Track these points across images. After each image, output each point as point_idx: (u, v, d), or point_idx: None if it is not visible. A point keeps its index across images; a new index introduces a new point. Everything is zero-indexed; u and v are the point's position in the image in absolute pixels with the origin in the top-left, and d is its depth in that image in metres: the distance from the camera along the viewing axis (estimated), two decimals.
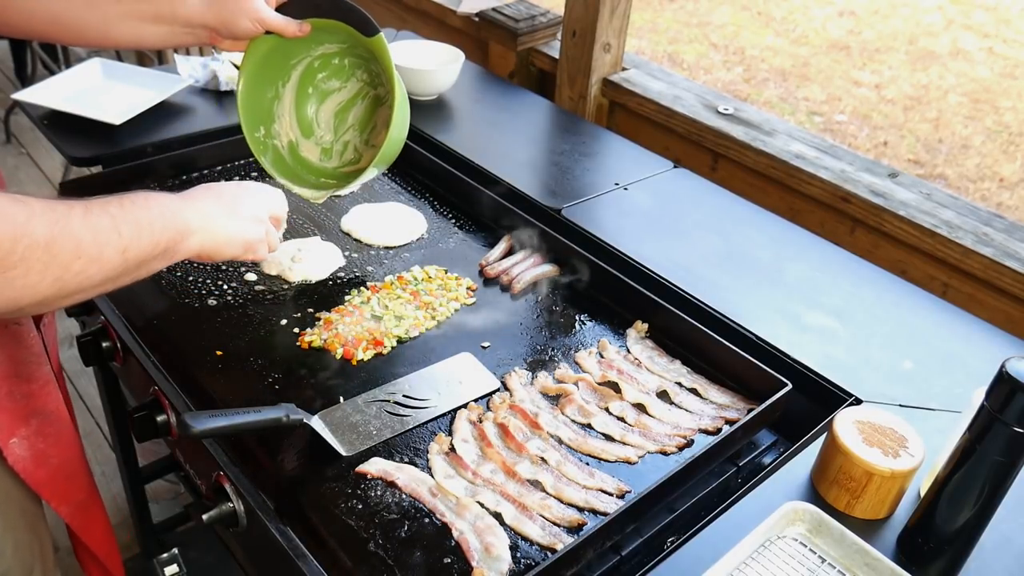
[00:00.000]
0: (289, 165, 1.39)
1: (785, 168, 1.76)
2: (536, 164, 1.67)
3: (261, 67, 1.31)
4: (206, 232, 1.01)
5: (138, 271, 0.92)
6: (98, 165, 1.57)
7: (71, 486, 1.18)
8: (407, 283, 1.34)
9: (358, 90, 1.44)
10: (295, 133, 1.41)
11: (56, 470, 1.14)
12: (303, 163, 1.41)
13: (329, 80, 1.42)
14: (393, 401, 1.11)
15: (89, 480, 1.24)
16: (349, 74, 1.42)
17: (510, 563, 0.91)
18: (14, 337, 1.10)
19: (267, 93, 1.36)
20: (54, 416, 1.14)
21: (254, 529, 0.98)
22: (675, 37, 6.19)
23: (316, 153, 1.43)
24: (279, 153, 1.38)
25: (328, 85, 1.43)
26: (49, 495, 1.15)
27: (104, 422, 2.50)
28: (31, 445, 1.09)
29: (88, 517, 1.25)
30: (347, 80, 1.43)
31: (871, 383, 1.15)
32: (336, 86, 1.43)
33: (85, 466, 1.23)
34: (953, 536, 0.87)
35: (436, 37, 2.15)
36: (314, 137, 1.43)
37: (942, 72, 5.79)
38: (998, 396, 0.78)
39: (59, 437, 1.14)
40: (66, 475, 1.16)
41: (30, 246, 0.77)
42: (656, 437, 1.09)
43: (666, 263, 1.36)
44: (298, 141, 1.41)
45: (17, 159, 3.90)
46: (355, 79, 1.43)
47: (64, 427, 1.16)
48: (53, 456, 1.13)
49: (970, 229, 1.55)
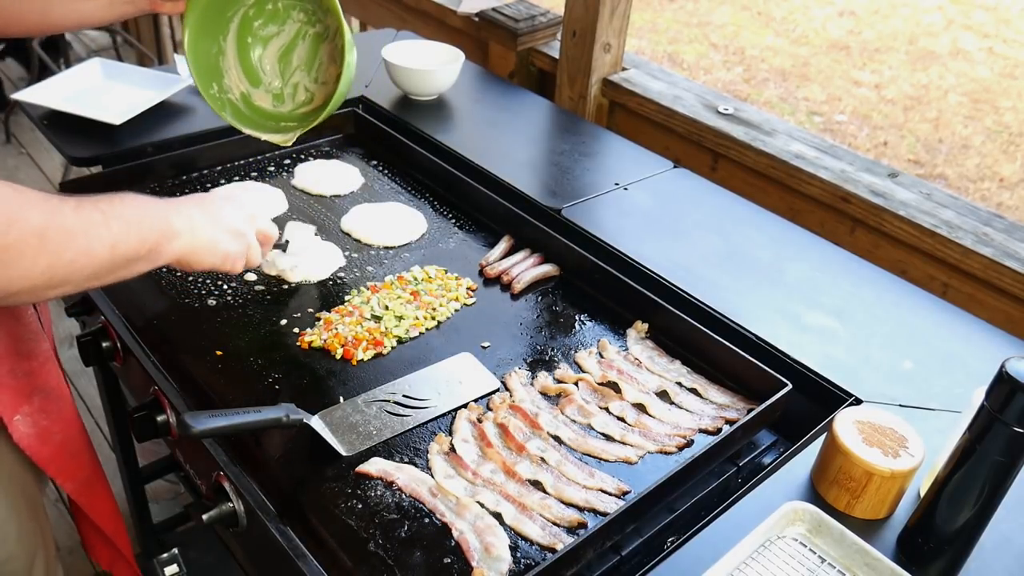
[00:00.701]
0: (249, 116, 1.42)
1: (785, 168, 1.76)
2: (536, 164, 1.67)
3: (201, 24, 1.34)
4: (190, 237, 1.01)
5: (123, 270, 0.93)
6: (98, 165, 1.57)
7: (75, 463, 1.19)
8: (407, 283, 1.34)
9: (296, 31, 1.45)
10: (244, 84, 1.43)
11: (60, 447, 1.14)
12: (260, 112, 1.44)
13: (266, 26, 1.44)
14: (393, 401, 1.11)
15: (92, 458, 1.24)
16: (285, 16, 1.45)
17: (510, 563, 0.91)
18: (12, 314, 1.11)
19: (211, 49, 1.38)
20: (55, 393, 1.14)
21: (254, 529, 0.98)
22: (675, 37, 6.19)
23: (268, 100, 1.46)
24: (236, 107, 1.41)
25: (266, 31, 1.44)
26: (55, 471, 1.15)
27: (104, 422, 2.50)
28: (35, 422, 1.09)
29: (93, 494, 1.25)
30: (283, 23, 1.45)
31: (871, 383, 1.15)
32: (274, 31, 1.45)
33: (88, 444, 1.23)
34: (953, 536, 0.87)
35: (436, 37, 2.15)
36: (263, 85, 1.45)
37: (942, 72, 5.79)
38: (998, 396, 0.78)
39: (61, 414, 1.14)
40: (70, 452, 1.17)
41: (24, 231, 0.79)
42: (656, 437, 1.09)
43: (666, 263, 1.36)
44: (249, 92, 1.44)
45: (17, 159, 3.90)
46: (291, 20, 1.45)
47: (65, 404, 1.16)
48: (56, 432, 1.13)
49: (970, 229, 1.55)
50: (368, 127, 1.76)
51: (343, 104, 1.80)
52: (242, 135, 1.46)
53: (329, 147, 1.75)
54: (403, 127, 1.76)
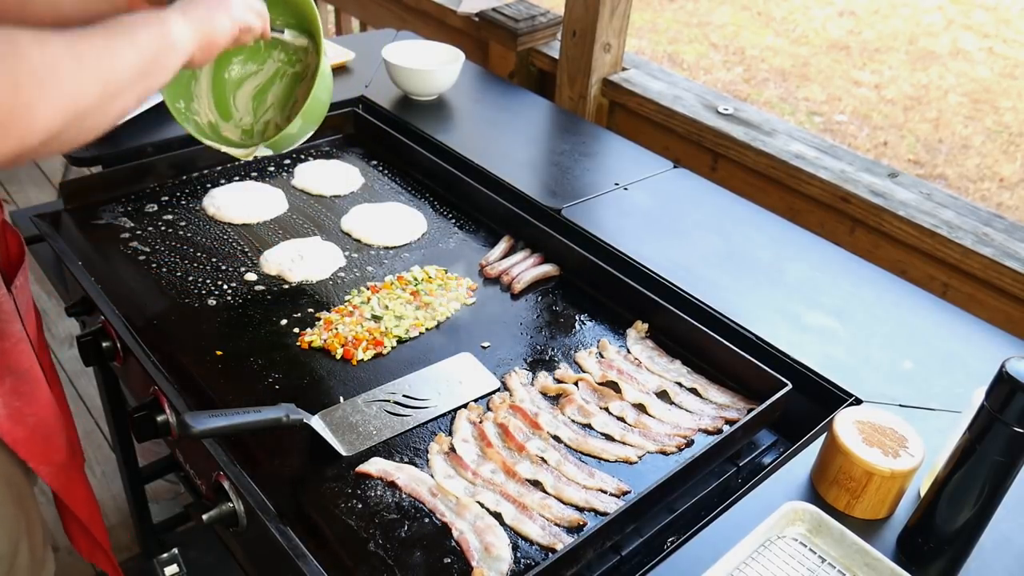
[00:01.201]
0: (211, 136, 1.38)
1: (785, 168, 1.76)
2: (536, 164, 1.67)
3: None
4: (187, 19, 0.99)
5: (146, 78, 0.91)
6: (98, 165, 1.57)
7: (50, 446, 1.18)
8: (407, 283, 1.34)
9: (275, 70, 1.42)
10: (214, 115, 1.39)
11: (34, 429, 1.13)
12: (226, 140, 1.39)
13: (246, 63, 1.41)
14: (393, 401, 1.11)
15: (69, 444, 1.23)
16: (265, 56, 1.41)
17: (510, 563, 0.91)
18: None
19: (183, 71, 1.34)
20: (28, 375, 1.13)
21: (254, 529, 0.98)
22: (675, 37, 6.19)
23: (237, 134, 1.42)
24: (200, 127, 1.37)
25: (245, 69, 1.41)
26: (27, 454, 1.14)
27: (104, 422, 2.51)
28: (7, 403, 1.08)
29: (69, 480, 1.24)
30: (263, 62, 1.42)
31: (871, 383, 1.15)
32: (253, 69, 1.41)
33: (65, 430, 1.22)
34: (953, 536, 0.87)
35: (436, 37, 2.15)
36: (233, 120, 1.41)
37: (942, 72, 5.79)
38: (998, 396, 0.78)
39: (34, 396, 1.14)
40: (44, 435, 1.16)
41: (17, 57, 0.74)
42: (656, 437, 1.09)
43: (666, 263, 1.36)
44: (218, 123, 1.40)
45: None
46: (272, 60, 1.42)
47: (39, 387, 1.15)
48: (29, 415, 1.12)
49: (970, 229, 1.55)
50: (368, 127, 1.76)
51: (343, 104, 1.80)
52: None
53: (329, 147, 1.75)
54: (403, 127, 1.76)
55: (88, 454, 2.42)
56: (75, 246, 1.38)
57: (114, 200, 1.50)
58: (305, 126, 1.31)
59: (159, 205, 1.50)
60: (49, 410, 1.17)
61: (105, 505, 2.29)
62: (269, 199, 1.53)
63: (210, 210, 1.49)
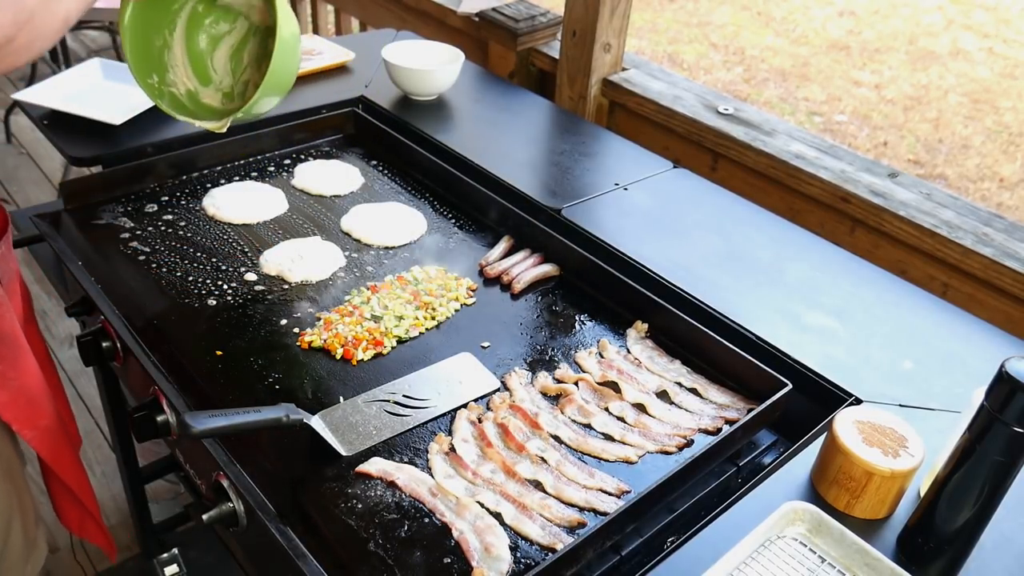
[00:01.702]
0: (189, 107, 1.34)
1: (785, 168, 1.76)
2: (536, 164, 1.67)
3: (144, 12, 1.25)
4: None
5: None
6: (98, 165, 1.57)
7: (34, 411, 1.18)
8: (407, 283, 1.34)
9: (248, 27, 1.38)
10: (193, 82, 1.35)
11: (17, 393, 1.14)
12: (207, 108, 1.35)
13: (217, 24, 1.37)
14: (393, 401, 1.11)
15: (55, 410, 1.23)
16: (236, 14, 1.37)
17: (510, 563, 0.91)
18: None
19: (155, 41, 1.30)
20: (10, 339, 1.13)
21: (254, 529, 0.98)
22: (675, 37, 6.19)
23: (218, 98, 1.37)
24: (177, 98, 1.33)
25: (217, 29, 1.37)
26: (11, 417, 1.15)
27: (104, 422, 2.51)
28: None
29: (56, 445, 1.24)
30: (235, 20, 1.38)
31: (871, 383, 1.15)
32: (226, 28, 1.37)
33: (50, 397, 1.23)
34: (953, 536, 0.87)
35: (436, 37, 2.15)
36: (213, 84, 1.37)
37: (942, 72, 5.79)
38: (998, 396, 0.78)
39: (16, 361, 1.14)
40: (28, 399, 1.16)
41: None
42: (656, 437, 1.09)
43: (666, 263, 1.36)
44: (198, 89, 1.35)
45: (17, 159, 3.90)
46: (242, 18, 1.38)
47: (22, 353, 1.15)
48: (13, 379, 1.13)
49: (970, 229, 1.55)
50: (368, 127, 1.76)
51: (343, 104, 1.80)
52: (242, 136, 1.47)
53: (329, 147, 1.75)
54: (403, 127, 1.76)
55: (88, 454, 2.42)
56: (75, 246, 1.38)
57: (114, 200, 1.50)
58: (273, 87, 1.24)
59: (159, 205, 1.50)
60: (33, 377, 1.18)
61: (105, 505, 2.29)
62: (269, 199, 1.53)
63: (210, 210, 1.49)
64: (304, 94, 1.83)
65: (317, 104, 1.80)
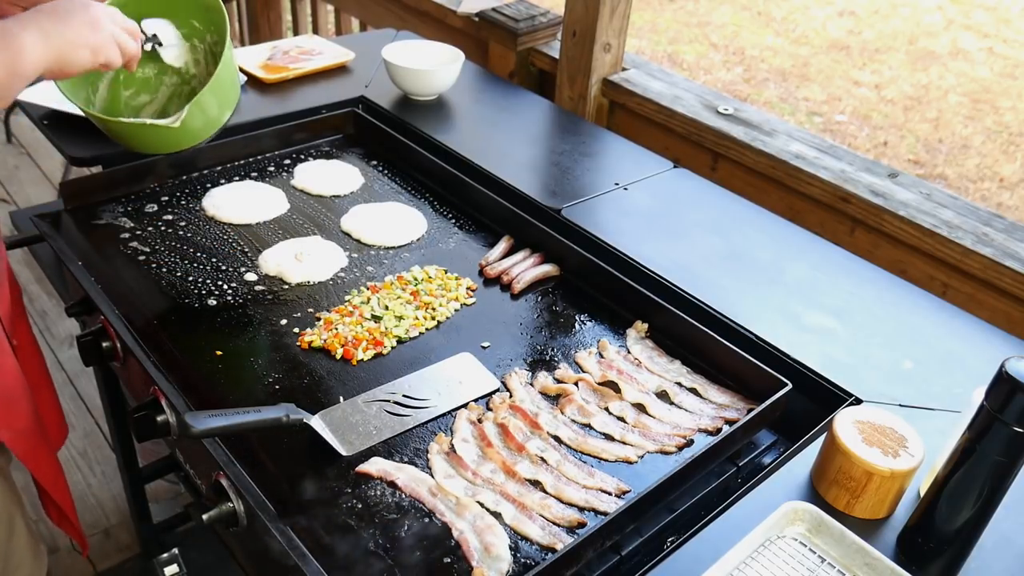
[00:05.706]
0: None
1: (785, 168, 1.76)
2: (536, 164, 1.67)
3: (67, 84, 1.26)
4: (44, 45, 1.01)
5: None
6: (98, 165, 1.57)
7: (11, 412, 1.19)
8: (407, 283, 1.34)
9: (170, 93, 1.41)
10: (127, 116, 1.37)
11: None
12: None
13: (137, 96, 1.40)
14: (393, 401, 1.11)
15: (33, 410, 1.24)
16: (157, 84, 1.40)
17: (510, 563, 0.91)
18: None
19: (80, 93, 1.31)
20: None
21: (254, 529, 0.98)
22: (675, 37, 6.19)
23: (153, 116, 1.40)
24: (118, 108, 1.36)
25: (138, 101, 1.40)
26: None
27: (104, 422, 2.50)
28: None
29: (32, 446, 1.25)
30: (156, 90, 1.40)
31: (871, 383, 1.15)
32: (146, 100, 1.41)
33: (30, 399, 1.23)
34: (953, 536, 0.87)
35: (436, 37, 2.15)
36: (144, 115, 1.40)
37: (942, 72, 5.79)
38: (998, 396, 0.78)
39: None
40: (5, 399, 1.17)
41: None
42: (656, 437, 1.09)
43: (666, 263, 1.36)
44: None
45: (17, 159, 3.90)
46: (164, 86, 1.40)
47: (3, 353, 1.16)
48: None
49: (970, 229, 1.55)
50: (368, 127, 1.76)
51: (343, 104, 1.80)
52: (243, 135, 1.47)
53: (329, 147, 1.75)
54: (403, 127, 1.76)
55: (88, 454, 2.42)
56: (75, 246, 1.38)
57: (114, 200, 1.50)
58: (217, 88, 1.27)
59: (159, 205, 1.50)
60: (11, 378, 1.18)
61: (105, 505, 2.29)
62: (269, 199, 1.53)
63: (210, 210, 1.49)
64: (304, 94, 1.84)
65: (317, 104, 1.80)
